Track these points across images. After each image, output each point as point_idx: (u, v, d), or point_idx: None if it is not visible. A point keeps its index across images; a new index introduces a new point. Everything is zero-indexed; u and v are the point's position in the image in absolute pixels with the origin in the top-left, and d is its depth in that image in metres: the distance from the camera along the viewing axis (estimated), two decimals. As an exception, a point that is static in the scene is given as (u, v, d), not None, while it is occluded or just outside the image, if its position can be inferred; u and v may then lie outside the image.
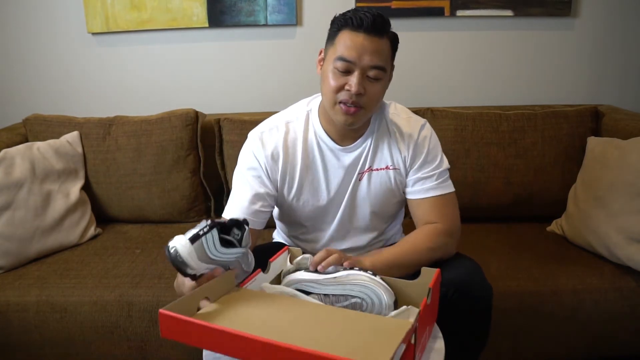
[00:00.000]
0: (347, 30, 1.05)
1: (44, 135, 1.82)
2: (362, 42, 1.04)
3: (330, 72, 1.07)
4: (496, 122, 1.77)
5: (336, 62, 1.06)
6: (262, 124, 1.23)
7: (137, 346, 1.42)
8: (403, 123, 1.20)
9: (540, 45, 2.02)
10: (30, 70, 2.08)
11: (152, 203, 1.82)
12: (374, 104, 1.10)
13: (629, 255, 1.40)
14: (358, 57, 1.04)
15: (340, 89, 1.07)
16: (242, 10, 1.97)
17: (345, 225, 1.25)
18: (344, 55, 1.04)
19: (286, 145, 1.18)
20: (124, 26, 2.00)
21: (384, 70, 1.07)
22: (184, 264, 0.83)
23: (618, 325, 1.40)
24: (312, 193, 1.21)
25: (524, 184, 1.75)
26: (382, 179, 1.20)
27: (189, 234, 0.84)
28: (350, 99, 1.06)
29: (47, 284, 1.44)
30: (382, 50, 1.05)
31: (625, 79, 2.05)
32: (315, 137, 1.19)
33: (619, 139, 1.57)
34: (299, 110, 1.22)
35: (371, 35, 1.04)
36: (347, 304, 0.94)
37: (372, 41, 1.04)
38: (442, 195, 1.18)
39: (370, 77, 1.06)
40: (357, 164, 1.20)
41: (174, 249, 0.83)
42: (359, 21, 1.03)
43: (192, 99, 2.05)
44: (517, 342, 1.42)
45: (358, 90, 1.05)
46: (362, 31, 1.03)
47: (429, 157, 1.18)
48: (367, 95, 1.07)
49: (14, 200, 1.56)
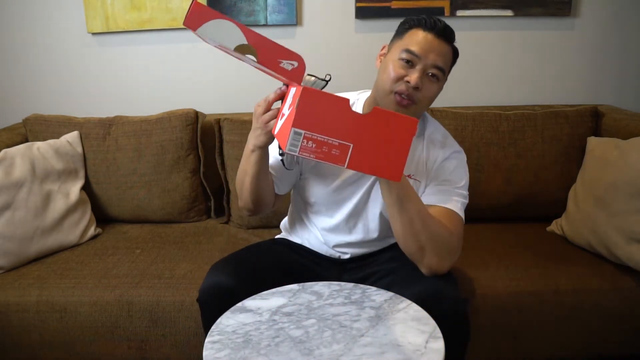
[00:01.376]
0: (419, 29, 1.11)
1: (44, 135, 1.82)
2: (431, 40, 1.09)
3: (392, 63, 1.11)
4: (496, 122, 1.77)
5: (402, 53, 1.10)
6: None
7: (137, 346, 1.42)
8: (439, 141, 1.22)
9: (540, 45, 2.02)
10: (30, 70, 2.08)
11: (152, 203, 1.82)
12: (426, 102, 1.14)
13: (629, 255, 1.40)
14: (424, 53, 1.09)
15: (399, 79, 1.10)
16: (242, 10, 1.97)
17: (353, 218, 1.25)
18: (412, 48, 1.09)
19: None
20: (124, 26, 2.00)
21: (444, 72, 1.12)
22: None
23: (618, 325, 1.40)
24: (330, 169, 1.22)
25: (524, 184, 1.75)
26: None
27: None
28: (406, 91, 1.09)
29: (47, 284, 1.44)
30: (446, 54, 1.12)
31: (625, 79, 2.05)
32: None
33: (619, 139, 1.57)
34: (348, 95, 1.23)
35: (441, 38, 1.10)
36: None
37: (440, 43, 1.10)
38: (454, 212, 1.15)
39: (430, 75, 1.10)
40: None
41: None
42: (433, 23, 1.10)
43: (192, 99, 2.05)
44: (517, 342, 1.42)
45: (417, 83, 1.08)
46: (433, 32, 1.10)
47: (451, 177, 1.19)
48: (422, 91, 1.10)
49: (14, 200, 1.56)
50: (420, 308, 0.99)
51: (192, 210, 1.86)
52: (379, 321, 0.95)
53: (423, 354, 0.86)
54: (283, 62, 0.97)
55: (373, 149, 0.89)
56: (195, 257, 1.57)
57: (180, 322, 1.39)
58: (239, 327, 0.94)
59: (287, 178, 1.24)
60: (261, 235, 1.65)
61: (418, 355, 0.86)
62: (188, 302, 1.38)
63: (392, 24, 1.10)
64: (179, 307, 1.39)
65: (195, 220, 1.87)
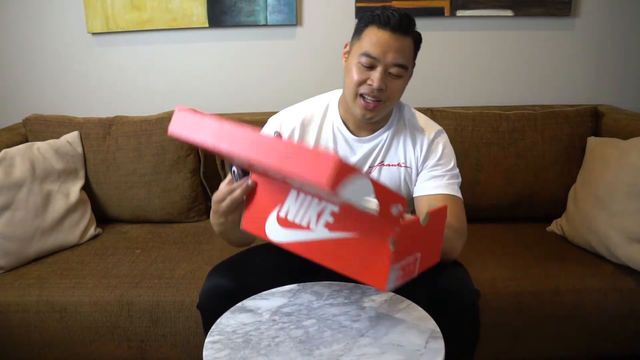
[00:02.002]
0: (374, 26, 1.08)
1: (44, 135, 1.82)
2: (387, 39, 1.07)
3: (355, 66, 1.11)
4: (496, 122, 1.77)
5: (361, 57, 1.09)
6: (282, 111, 1.26)
7: (137, 346, 1.42)
8: (421, 125, 1.23)
9: (540, 45, 2.02)
10: (30, 70, 2.08)
11: (152, 203, 1.82)
12: (393, 100, 1.14)
13: (629, 255, 1.40)
14: (382, 54, 1.08)
15: (362, 83, 1.10)
16: (242, 10, 1.97)
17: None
18: (369, 51, 1.08)
19: (303, 128, 1.22)
20: (124, 26, 2.00)
21: (406, 68, 1.11)
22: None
23: (618, 325, 1.40)
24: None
25: (524, 184, 1.75)
26: (392, 175, 1.21)
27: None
28: (371, 93, 1.10)
29: (47, 284, 1.44)
30: (405, 49, 1.10)
31: (625, 79, 2.04)
32: (332, 126, 1.22)
33: (619, 139, 1.57)
34: (319, 100, 1.26)
35: (397, 33, 1.07)
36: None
37: (397, 39, 1.08)
38: (453, 196, 1.18)
39: (392, 73, 1.10)
40: (370, 157, 1.21)
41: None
42: (386, 19, 1.07)
43: (192, 99, 2.06)
44: (517, 342, 1.42)
45: (380, 85, 1.08)
46: (388, 29, 1.07)
47: (442, 159, 1.20)
48: (387, 90, 1.11)
49: (14, 200, 1.56)
50: (420, 308, 0.99)
51: (192, 210, 1.86)
52: (379, 321, 0.95)
53: (423, 354, 0.86)
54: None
55: (427, 247, 0.88)
56: (195, 257, 1.57)
57: (180, 322, 1.39)
58: (238, 327, 0.94)
59: None
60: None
61: (418, 355, 0.85)
62: (188, 302, 1.38)
63: (392, 24, 1.09)
64: (179, 307, 1.39)
65: (195, 220, 1.87)
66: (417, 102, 1.98)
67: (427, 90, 2.06)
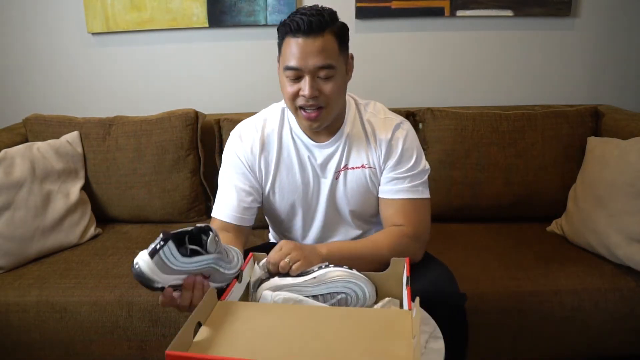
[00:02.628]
0: (288, 36, 1.06)
1: (44, 135, 1.82)
2: (302, 46, 1.04)
3: (283, 82, 1.10)
4: (496, 122, 1.77)
5: (285, 71, 1.07)
6: (241, 123, 1.26)
7: (137, 346, 1.42)
8: (379, 122, 1.20)
9: (540, 45, 2.02)
10: (30, 70, 2.08)
11: (152, 203, 1.82)
12: (334, 101, 1.11)
13: (629, 255, 1.40)
14: (303, 63, 1.05)
15: (296, 96, 1.09)
16: (242, 10, 1.97)
17: (330, 226, 1.26)
18: (289, 64, 1.06)
19: (262, 140, 1.21)
20: (124, 26, 2.00)
21: (333, 68, 1.07)
22: (149, 280, 0.82)
23: (618, 325, 1.40)
24: (287, 187, 1.22)
25: (524, 184, 1.75)
26: (358, 178, 1.20)
27: (149, 249, 0.83)
28: (307, 104, 1.08)
29: (47, 284, 1.44)
30: (325, 49, 1.05)
31: (625, 79, 2.04)
32: (291, 132, 1.21)
33: (619, 139, 1.57)
34: (275, 107, 1.25)
35: (310, 37, 1.03)
36: (334, 302, 0.95)
37: (314, 42, 1.04)
38: (413, 200, 1.17)
39: (320, 77, 1.07)
40: (333, 162, 1.20)
41: (137, 265, 0.82)
42: (296, 26, 1.03)
43: (192, 99, 2.05)
44: (517, 342, 1.42)
45: (311, 93, 1.06)
46: (300, 35, 1.04)
47: (403, 157, 1.18)
48: (323, 94, 1.08)
49: (14, 200, 1.56)
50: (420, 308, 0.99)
51: (192, 210, 1.86)
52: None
53: (423, 354, 0.86)
54: None
55: None
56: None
57: (180, 322, 1.39)
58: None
59: (249, 219, 1.21)
60: (260, 235, 1.64)
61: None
62: (188, 302, 1.38)
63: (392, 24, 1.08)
64: (179, 307, 1.39)
65: (195, 220, 1.87)
66: (417, 102, 2.01)
67: (427, 90, 2.06)
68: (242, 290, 0.98)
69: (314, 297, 0.95)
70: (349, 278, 0.95)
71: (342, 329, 0.82)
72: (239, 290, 0.96)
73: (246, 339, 0.79)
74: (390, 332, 0.79)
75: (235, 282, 0.93)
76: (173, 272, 0.84)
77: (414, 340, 0.74)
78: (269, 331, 0.81)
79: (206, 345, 0.77)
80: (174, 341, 0.73)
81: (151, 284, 0.83)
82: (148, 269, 0.82)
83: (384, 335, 0.79)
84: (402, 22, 1.94)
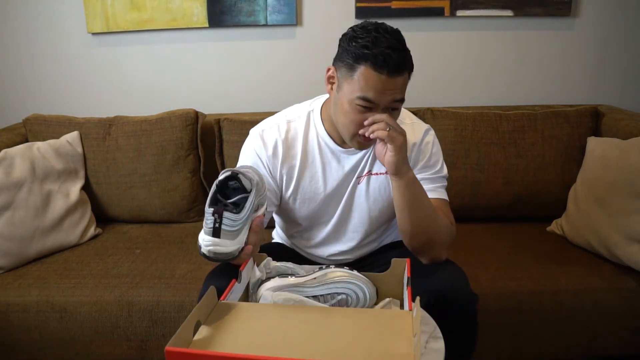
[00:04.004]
0: (369, 68, 0.99)
1: (44, 135, 1.82)
2: (385, 83, 1.00)
3: (349, 106, 1.04)
4: (496, 122, 1.77)
5: (357, 99, 1.02)
6: (263, 122, 1.22)
7: (137, 346, 1.42)
8: (407, 128, 1.18)
9: (540, 45, 2.02)
10: (30, 70, 2.08)
11: (152, 203, 1.82)
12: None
13: (629, 255, 1.40)
14: (381, 98, 1.02)
15: (361, 125, 1.05)
16: (242, 10, 1.97)
17: (341, 227, 1.25)
18: (367, 96, 1.01)
19: (287, 142, 1.18)
20: (124, 26, 2.00)
21: (403, 100, 1.06)
22: (228, 255, 0.86)
23: (618, 325, 1.40)
24: (309, 193, 1.20)
25: (524, 184, 1.75)
26: (381, 184, 1.19)
27: (209, 232, 0.86)
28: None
29: (47, 284, 1.44)
30: (403, 85, 1.03)
31: (625, 79, 2.04)
32: (317, 137, 1.18)
33: (619, 139, 1.57)
34: (300, 109, 1.22)
35: (394, 76, 1.00)
36: (334, 302, 0.95)
37: (395, 81, 1.01)
38: (440, 199, 1.17)
39: (390, 108, 1.05)
40: (357, 168, 1.19)
41: (210, 252, 0.86)
42: (382, 62, 0.98)
43: (192, 99, 2.05)
44: (517, 342, 1.42)
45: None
46: (385, 72, 0.99)
47: (430, 162, 1.19)
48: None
49: (14, 200, 1.56)
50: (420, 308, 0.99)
51: (192, 210, 1.86)
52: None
53: (423, 354, 0.86)
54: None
55: None
56: (195, 257, 1.57)
57: (180, 322, 1.38)
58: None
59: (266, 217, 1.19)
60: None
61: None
62: (188, 302, 1.38)
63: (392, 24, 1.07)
64: (179, 307, 1.39)
65: (195, 220, 1.87)
66: (417, 102, 2.00)
67: (427, 90, 2.06)
68: (242, 291, 0.98)
69: (314, 298, 0.95)
70: (349, 279, 0.96)
71: (342, 329, 0.82)
72: (239, 290, 0.96)
73: (246, 338, 0.79)
74: (391, 332, 0.79)
75: (235, 282, 0.94)
76: (239, 231, 0.88)
77: (414, 339, 0.74)
78: (269, 331, 0.81)
79: (205, 344, 0.78)
80: (174, 338, 0.73)
81: (233, 256, 0.87)
82: (222, 248, 0.86)
83: (385, 335, 0.79)
84: (402, 22, 1.93)
